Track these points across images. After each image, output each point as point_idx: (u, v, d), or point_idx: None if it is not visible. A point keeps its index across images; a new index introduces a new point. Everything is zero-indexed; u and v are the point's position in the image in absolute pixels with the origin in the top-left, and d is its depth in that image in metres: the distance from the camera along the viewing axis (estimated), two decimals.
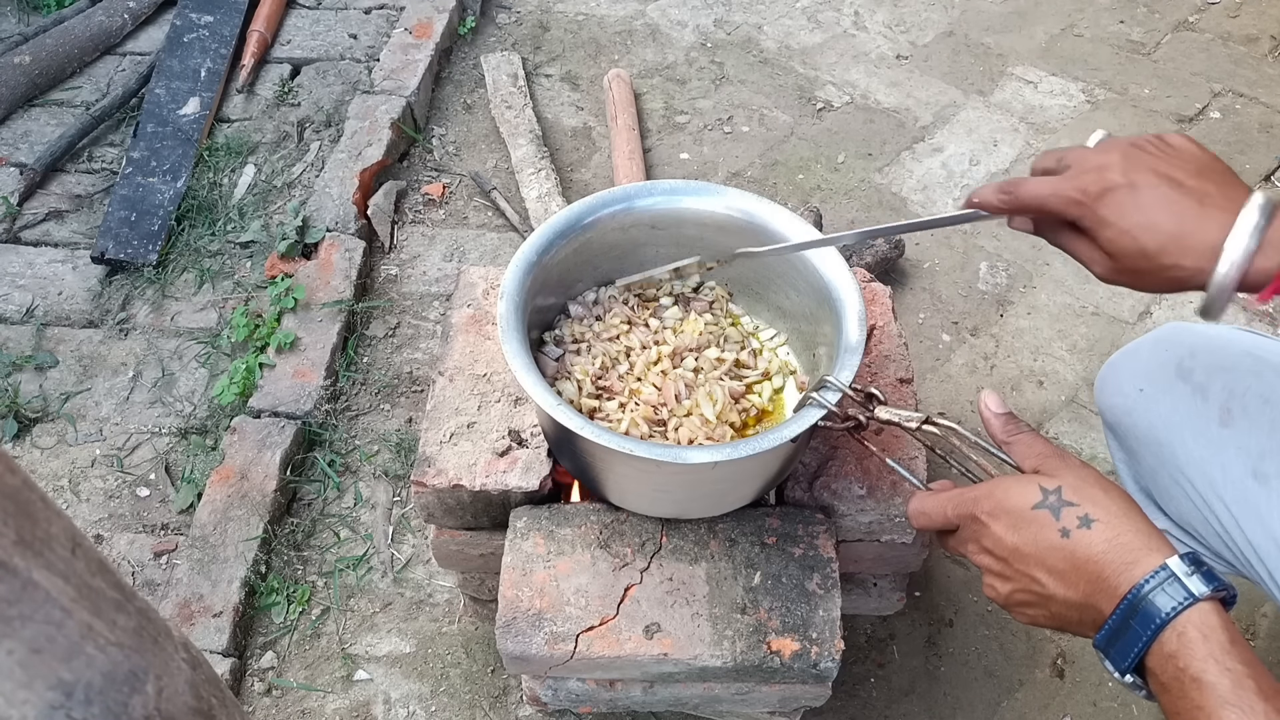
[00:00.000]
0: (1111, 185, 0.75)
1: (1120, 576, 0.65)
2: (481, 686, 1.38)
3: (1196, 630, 0.62)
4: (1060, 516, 0.68)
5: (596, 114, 2.21)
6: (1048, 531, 0.68)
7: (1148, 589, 0.64)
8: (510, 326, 1.00)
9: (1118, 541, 0.66)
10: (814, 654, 1.03)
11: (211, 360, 1.75)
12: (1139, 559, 0.65)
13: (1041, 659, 1.41)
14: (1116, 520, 0.67)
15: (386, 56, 2.21)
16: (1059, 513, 0.68)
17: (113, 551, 1.52)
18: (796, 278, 1.10)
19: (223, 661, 1.37)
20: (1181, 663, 0.62)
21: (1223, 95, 2.20)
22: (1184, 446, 0.97)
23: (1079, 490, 0.69)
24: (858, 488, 1.13)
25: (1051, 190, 0.78)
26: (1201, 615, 0.63)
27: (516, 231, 1.94)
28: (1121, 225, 0.74)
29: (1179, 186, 0.74)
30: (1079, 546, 0.67)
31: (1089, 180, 0.76)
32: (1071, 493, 0.69)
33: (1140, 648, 0.64)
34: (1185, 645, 0.62)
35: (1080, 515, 0.67)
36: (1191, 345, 1.02)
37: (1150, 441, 1.02)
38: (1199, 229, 0.72)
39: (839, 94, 2.24)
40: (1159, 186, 0.74)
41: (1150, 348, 1.07)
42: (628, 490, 1.08)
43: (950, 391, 1.71)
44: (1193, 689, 0.61)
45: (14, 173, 2.00)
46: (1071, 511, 0.68)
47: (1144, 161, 0.75)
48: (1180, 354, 1.02)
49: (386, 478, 1.60)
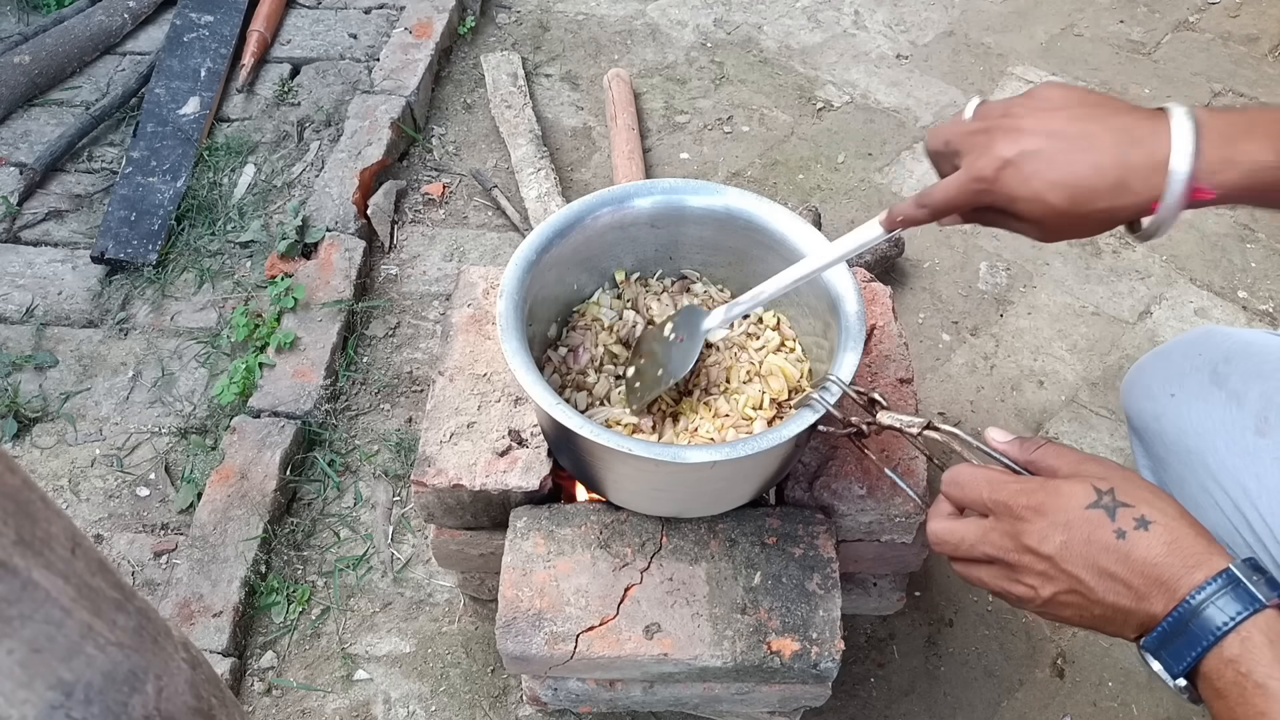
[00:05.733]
0: (1003, 160, 0.75)
1: (1180, 580, 0.64)
2: (481, 686, 1.38)
3: (1262, 635, 0.61)
4: (1116, 517, 0.66)
5: (596, 114, 2.20)
6: (1102, 532, 0.66)
7: (1209, 593, 0.63)
8: (510, 326, 1.00)
9: (1176, 545, 0.65)
10: (814, 654, 1.03)
11: (211, 360, 1.75)
12: (1200, 562, 0.64)
13: (1041, 659, 1.41)
14: (1173, 523, 0.66)
15: (386, 56, 2.21)
16: (1114, 513, 0.66)
17: (113, 551, 1.52)
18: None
19: (223, 661, 1.37)
20: (1244, 668, 0.61)
21: (1223, 95, 2.20)
22: (1216, 455, 0.94)
23: (1131, 493, 0.67)
24: (858, 488, 1.13)
25: (957, 187, 0.79)
26: (1267, 621, 0.62)
27: (517, 230, 1.94)
28: (1028, 194, 0.75)
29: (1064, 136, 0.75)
30: (1135, 548, 0.65)
31: (982, 164, 0.76)
32: (1125, 494, 0.67)
33: (1200, 651, 0.63)
34: (1249, 650, 0.61)
35: (1136, 517, 0.66)
36: (1227, 350, 0.99)
37: (1179, 448, 0.99)
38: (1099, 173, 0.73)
39: (839, 94, 2.24)
40: (1046, 144, 0.75)
41: (1182, 351, 1.04)
42: (627, 490, 1.08)
43: (950, 391, 1.71)
44: (1256, 695, 0.60)
45: (14, 172, 2.00)
46: (1128, 513, 0.66)
47: (1023, 125, 0.76)
48: (1214, 359, 0.99)
49: (386, 478, 1.60)
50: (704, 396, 1.11)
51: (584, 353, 1.15)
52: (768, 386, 1.11)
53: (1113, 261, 1.90)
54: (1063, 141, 0.74)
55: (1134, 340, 1.78)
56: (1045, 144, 0.75)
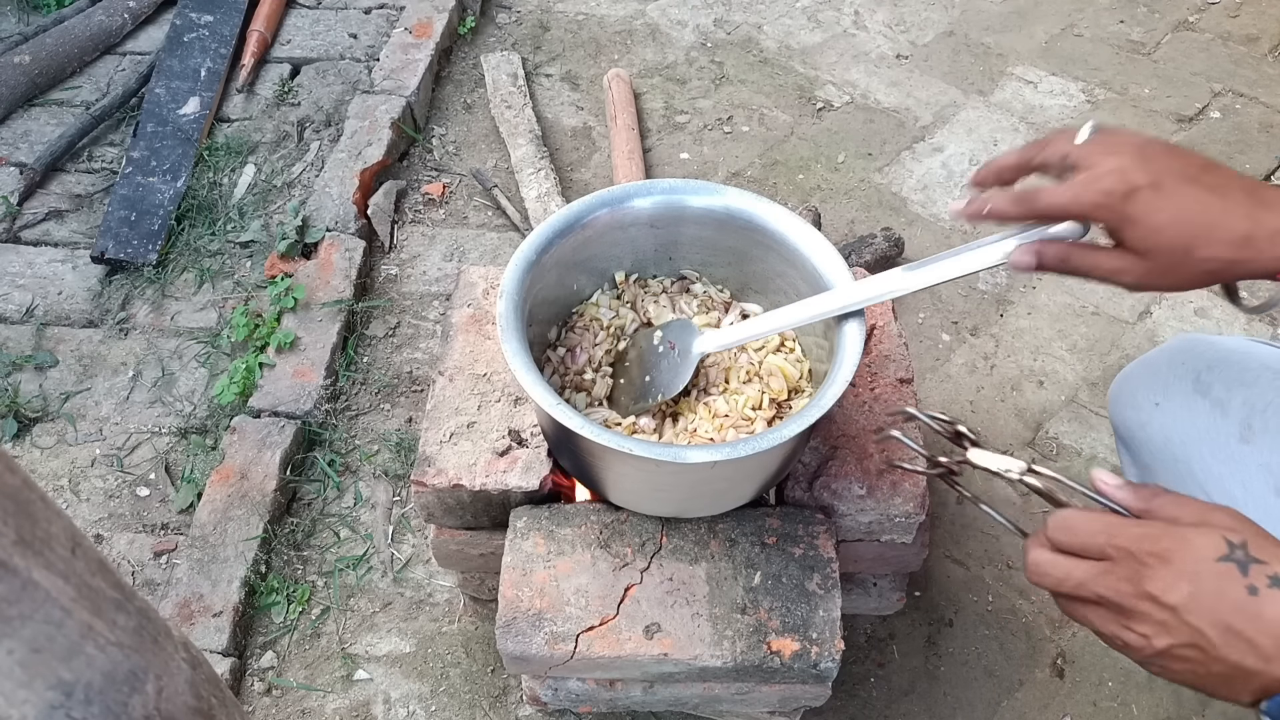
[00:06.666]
0: (1136, 185, 0.76)
1: None
2: (481, 686, 1.38)
3: None
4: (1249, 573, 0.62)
5: (596, 114, 2.21)
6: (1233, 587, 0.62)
7: None
8: (510, 326, 1.00)
9: None
10: (814, 654, 1.03)
11: (211, 360, 1.75)
12: None
13: (1041, 659, 1.41)
14: None
15: (386, 56, 2.21)
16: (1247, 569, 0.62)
17: (113, 551, 1.52)
18: (796, 278, 1.10)
19: (223, 661, 1.37)
20: None
21: (1223, 95, 2.20)
22: (1202, 463, 0.95)
23: (1265, 548, 0.63)
24: (858, 488, 1.13)
25: (1073, 196, 0.79)
26: None
27: (517, 230, 1.94)
28: (1152, 222, 0.75)
29: (1197, 182, 0.76)
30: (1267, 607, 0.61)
31: (1111, 181, 0.77)
32: (1258, 549, 0.63)
33: None
34: None
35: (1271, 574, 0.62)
36: (1209, 359, 1.00)
37: (1166, 457, 0.99)
38: (1227, 220, 0.74)
39: (839, 94, 2.24)
40: (1181, 182, 0.75)
41: (1166, 360, 1.04)
42: (627, 490, 1.08)
43: (950, 391, 1.71)
44: None
45: (14, 172, 2.01)
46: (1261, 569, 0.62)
47: (1160, 160, 0.77)
48: (1198, 367, 0.99)
49: (386, 477, 1.60)
50: (703, 397, 1.11)
51: (581, 353, 1.16)
52: (767, 387, 1.11)
53: None
54: (1194, 184, 0.76)
55: (1134, 340, 1.78)
56: (1177, 180, 0.76)
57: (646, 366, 1.11)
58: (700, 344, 1.07)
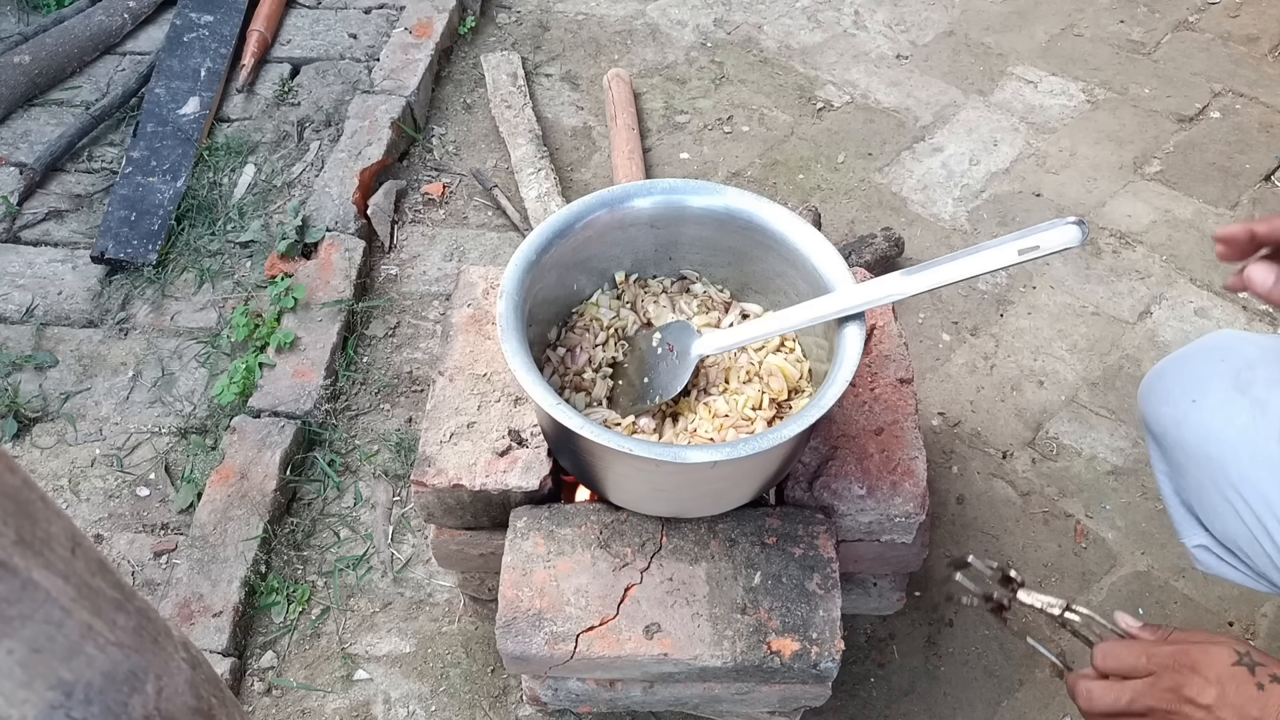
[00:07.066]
0: None
1: None
2: (481, 686, 1.38)
3: None
4: (1255, 672, 0.77)
5: (596, 114, 2.21)
6: (1246, 685, 0.77)
7: None
8: (510, 326, 1.00)
9: None
10: (814, 654, 1.03)
11: (211, 360, 1.75)
12: None
13: (1041, 659, 1.41)
14: None
15: (386, 56, 2.21)
16: (1254, 669, 0.78)
17: (113, 551, 1.52)
18: (796, 278, 1.10)
19: (222, 661, 1.37)
20: None
21: (1223, 95, 2.20)
22: (1238, 464, 0.94)
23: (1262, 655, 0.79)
24: (858, 488, 1.13)
25: None
26: None
27: (517, 230, 1.94)
28: None
29: None
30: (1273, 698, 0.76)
31: None
32: (1259, 656, 0.79)
33: None
34: None
35: (1271, 673, 0.77)
36: (1250, 357, 0.98)
37: (1200, 456, 0.98)
38: None
39: (839, 94, 2.24)
40: None
41: (1203, 356, 1.02)
42: (627, 490, 1.08)
43: (950, 391, 1.71)
44: None
45: (14, 172, 2.01)
46: (1264, 670, 0.77)
47: None
48: (1237, 365, 0.98)
49: (386, 477, 1.60)
50: (703, 397, 1.11)
51: (581, 353, 1.16)
52: (767, 387, 1.11)
53: (1113, 261, 1.90)
54: None
55: (1134, 340, 1.78)
56: None
57: (645, 368, 1.11)
58: (698, 346, 1.07)
